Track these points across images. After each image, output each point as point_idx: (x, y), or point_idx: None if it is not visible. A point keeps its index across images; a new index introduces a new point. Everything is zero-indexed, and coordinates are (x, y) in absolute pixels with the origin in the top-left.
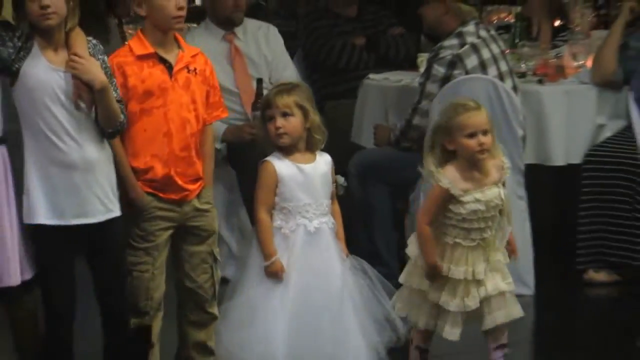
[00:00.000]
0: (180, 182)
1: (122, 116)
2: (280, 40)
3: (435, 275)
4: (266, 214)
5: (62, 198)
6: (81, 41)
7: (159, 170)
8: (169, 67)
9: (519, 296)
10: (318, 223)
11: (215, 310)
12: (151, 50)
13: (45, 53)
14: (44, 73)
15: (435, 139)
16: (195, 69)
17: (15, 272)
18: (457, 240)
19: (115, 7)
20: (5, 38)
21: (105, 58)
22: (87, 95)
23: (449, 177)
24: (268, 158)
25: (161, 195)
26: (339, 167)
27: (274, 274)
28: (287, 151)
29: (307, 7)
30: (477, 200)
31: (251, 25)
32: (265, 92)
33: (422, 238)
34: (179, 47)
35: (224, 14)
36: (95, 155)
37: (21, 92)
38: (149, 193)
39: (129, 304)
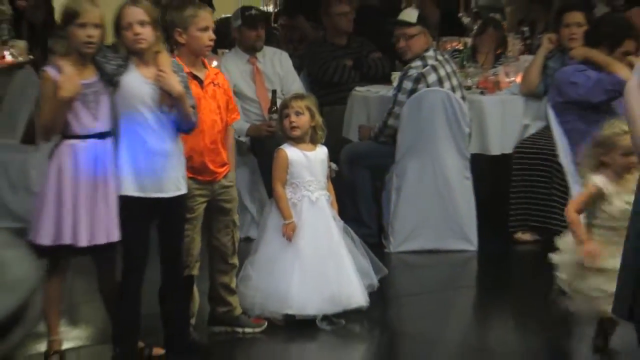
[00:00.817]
0: (212, 167)
1: (194, 118)
2: (290, 62)
3: (593, 257)
4: (281, 187)
5: (144, 177)
6: (166, 60)
7: (197, 159)
8: (200, 82)
9: (465, 252)
10: (318, 195)
11: (235, 261)
12: (187, 70)
13: (139, 69)
14: (137, 84)
15: (593, 150)
16: (218, 83)
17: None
18: (602, 239)
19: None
20: (110, 58)
21: (185, 75)
22: (168, 102)
23: (601, 179)
24: (282, 146)
25: (199, 177)
26: (332, 156)
27: (290, 231)
28: (296, 141)
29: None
30: (627, 202)
31: (268, 51)
32: (278, 101)
33: (573, 223)
34: (205, 67)
35: (249, 43)
36: (171, 147)
37: (120, 98)
38: (189, 177)
39: None
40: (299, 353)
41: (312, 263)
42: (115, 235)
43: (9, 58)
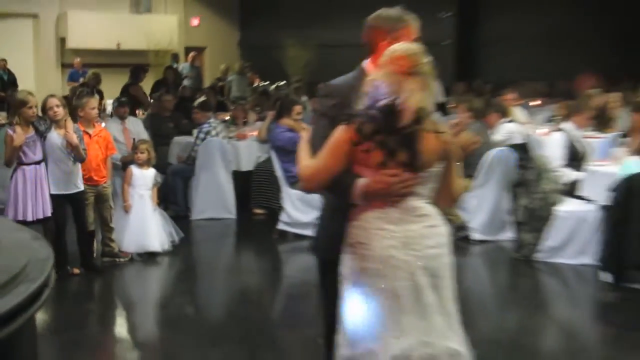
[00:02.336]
0: (95, 178)
1: (84, 156)
2: (141, 124)
3: None
4: (127, 186)
5: (62, 183)
6: (70, 124)
7: (88, 174)
8: (90, 135)
9: (229, 219)
10: (144, 192)
11: (112, 225)
12: (83, 129)
13: (57, 129)
14: (56, 138)
15: None
16: (101, 136)
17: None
18: None
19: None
20: (41, 123)
21: (81, 133)
22: (70, 147)
23: None
24: (131, 166)
25: (89, 183)
26: (161, 171)
27: (128, 208)
28: (140, 165)
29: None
30: None
31: (131, 119)
32: (135, 142)
33: None
34: (93, 127)
35: (119, 115)
36: (73, 168)
37: (47, 145)
38: (85, 183)
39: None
40: (130, 268)
41: (134, 225)
42: (48, 212)
43: None
